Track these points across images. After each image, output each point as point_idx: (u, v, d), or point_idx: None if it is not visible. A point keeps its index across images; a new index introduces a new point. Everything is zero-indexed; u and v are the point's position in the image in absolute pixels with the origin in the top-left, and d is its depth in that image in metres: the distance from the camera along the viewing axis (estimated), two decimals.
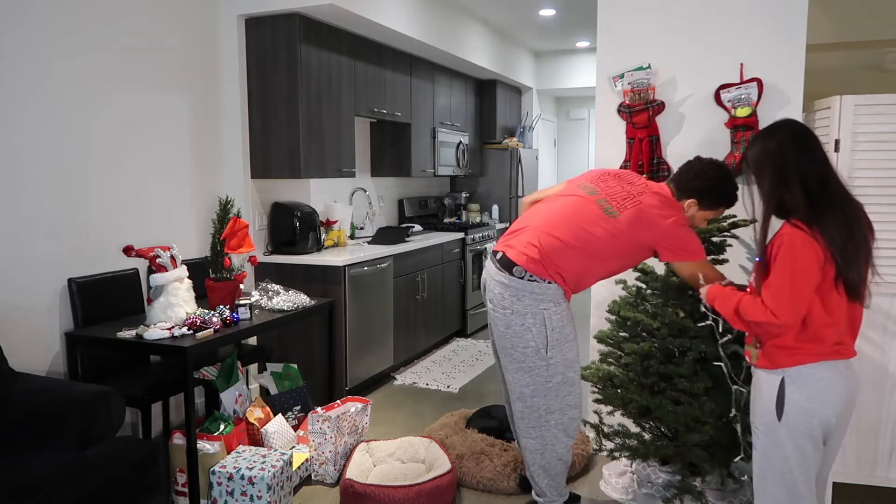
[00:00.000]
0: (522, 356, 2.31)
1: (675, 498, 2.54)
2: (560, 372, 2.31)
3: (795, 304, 1.74)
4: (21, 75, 2.70)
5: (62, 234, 2.90)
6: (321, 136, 3.98)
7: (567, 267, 2.26)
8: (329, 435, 2.97)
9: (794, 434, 1.80)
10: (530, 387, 2.34)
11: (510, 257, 2.28)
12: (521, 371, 2.34)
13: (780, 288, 1.75)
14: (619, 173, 2.45)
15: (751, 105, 2.83)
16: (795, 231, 1.75)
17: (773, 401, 1.82)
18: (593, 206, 2.31)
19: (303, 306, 3.22)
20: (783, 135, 1.85)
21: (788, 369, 1.80)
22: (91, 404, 2.27)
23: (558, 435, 2.37)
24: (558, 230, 2.27)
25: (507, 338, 2.32)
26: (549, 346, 2.27)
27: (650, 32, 3.04)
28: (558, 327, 2.28)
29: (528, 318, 2.26)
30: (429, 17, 4.78)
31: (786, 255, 1.75)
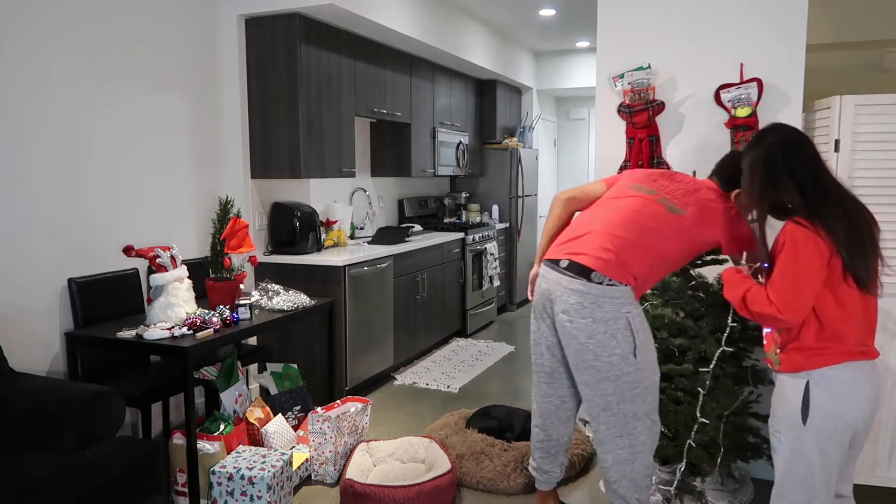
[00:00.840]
0: (608, 365, 2.14)
1: (675, 498, 2.54)
2: (647, 376, 2.19)
3: (799, 299, 1.74)
4: (21, 75, 2.70)
5: (62, 234, 2.90)
6: (321, 136, 3.98)
7: (638, 268, 2.18)
8: (329, 435, 2.97)
9: (819, 438, 1.79)
10: (617, 394, 2.17)
11: (584, 263, 2.15)
12: (605, 381, 2.16)
13: (783, 284, 1.75)
14: (664, 173, 2.40)
15: (751, 105, 2.83)
16: (797, 227, 1.77)
17: (798, 405, 1.80)
18: (656, 205, 2.25)
19: (303, 306, 3.22)
20: (771, 139, 1.89)
21: (812, 372, 1.79)
22: (91, 404, 2.27)
23: (646, 442, 2.23)
24: (626, 231, 2.19)
25: (590, 349, 2.15)
26: (637, 349, 2.13)
27: (650, 32, 3.04)
28: (642, 329, 2.17)
29: (611, 325, 2.11)
30: (429, 17, 4.78)
31: (788, 252, 1.76)
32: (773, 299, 1.76)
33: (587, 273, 2.13)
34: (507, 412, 3.38)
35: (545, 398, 2.43)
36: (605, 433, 2.24)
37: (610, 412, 2.20)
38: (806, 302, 1.75)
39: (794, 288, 1.74)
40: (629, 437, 2.21)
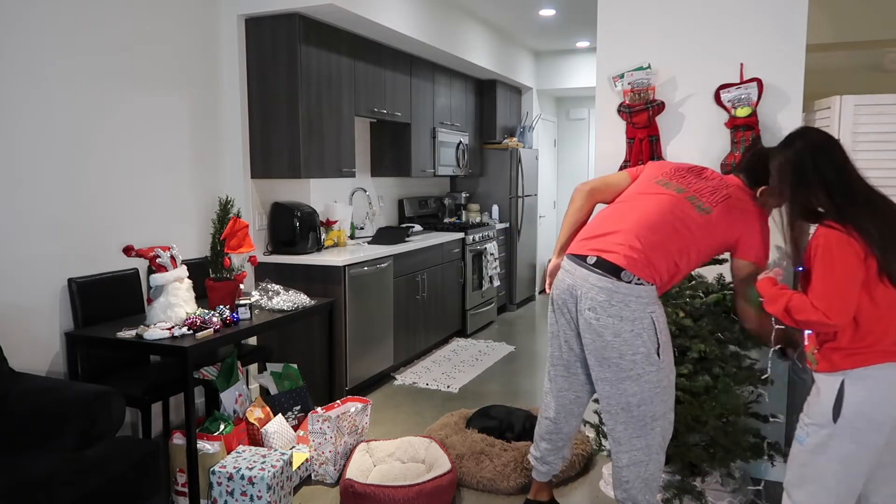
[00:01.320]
0: (631, 364, 2.13)
1: (675, 498, 2.54)
2: (667, 376, 2.18)
3: (844, 302, 1.75)
4: (21, 75, 2.70)
5: (62, 234, 2.90)
6: (321, 136, 3.98)
7: (665, 269, 2.17)
8: (329, 435, 2.97)
9: (849, 437, 1.79)
10: (638, 395, 2.16)
11: (614, 261, 2.13)
12: (627, 380, 2.15)
13: (826, 289, 1.76)
14: (692, 168, 2.37)
15: (751, 105, 2.83)
16: (829, 231, 1.78)
17: (831, 403, 1.80)
18: (685, 204, 2.22)
19: (303, 306, 3.22)
20: (799, 143, 1.91)
21: (849, 371, 1.79)
22: (91, 404, 2.27)
23: (661, 443, 2.22)
24: (656, 233, 2.17)
25: (615, 347, 2.13)
26: (661, 348, 2.14)
27: (650, 32, 3.04)
28: (665, 329, 2.18)
29: (636, 324, 2.11)
30: (429, 17, 4.78)
31: (825, 256, 1.77)
32: (819, 305, 1.76)
33: (617, 271, 2.11)
34: (507, 412, 3.38)
35: (562, 391, 2.40)
36: (622, 433, 2.22)
37: (629, 413, 2.19)
38: (850, 303, 1.75)
39: (836, 291, 1.75)
40: (646, 438, 2.19)
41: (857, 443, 1.79)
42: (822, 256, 1.78)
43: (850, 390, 1.79)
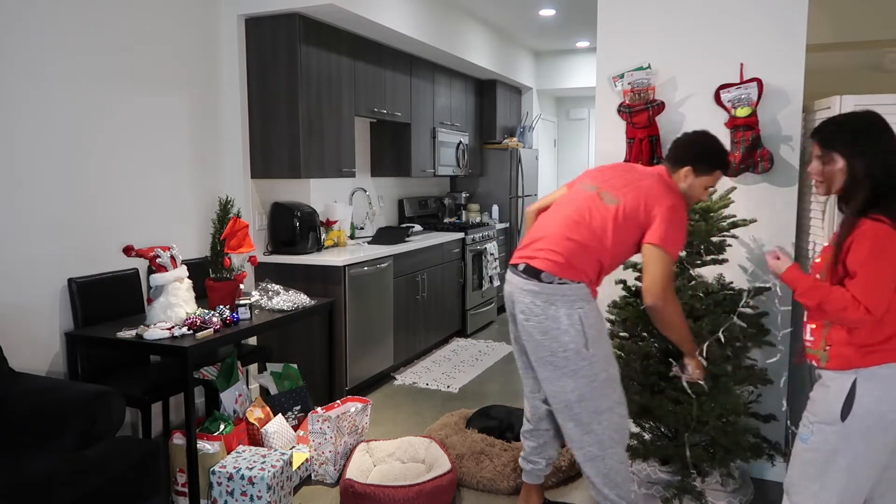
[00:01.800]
0: (564, 361, 2.23)
1: (675, 498, 2.54)
2: (603, 369, 2.25)
3: (885, 298, 1.71)
4: (21, 75, 2.70)
5: (62, 234, 2.90)
6: (321, 136, 3.98)
7: (590, 266, 2.26)
8: (329, 435, 2.97)
9: (857, 437, 1.76)
10: (576, 391, 2.24)
11: (535, 266, 2.26)
12: (564, 377, 2.24)
13: (874, 286, 1.70)
14: (618, 165, 2.47)
15: (751, 105, 2.83)
16: (879, 225, 1.71)
17: (841, 402, 1.76)
18: (596, 199, 2.32)
19: (303, 306, 3.22)
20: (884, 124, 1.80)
21: (862, 370, 1.75)
22: (91, 404, 2.27)
23: (613, 436, 2.27)
24: (573, 233, 2.27)
25: (545, 345, 2.25)
26: (588, 343, 2.21)
27: (650, 32, 3.04)
28: (595, 323, 2.24)
29: (563, 321, 2.21)
30: (429, 17, 4.78)
31: (876, 250, 1.70)
32: (863, 300, 1.70)
33: (538, 274, 2.24)
34: (507, 412, 3.38)
35: (532, 392, 2.52)
36: (572, 431, 2.31)
37: (571, 410, 2.28)
38: (890, 300, 1.72)
39: (883, 288, 1.70)
40: (595, 434, 2.26)
41: (868, 442, 1.76)
42: (874, 250, 1.70)
43: (863, 389, 1.75)
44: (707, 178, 2.33)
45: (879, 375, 1.75)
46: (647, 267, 2.23)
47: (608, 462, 2.27)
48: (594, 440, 2.27)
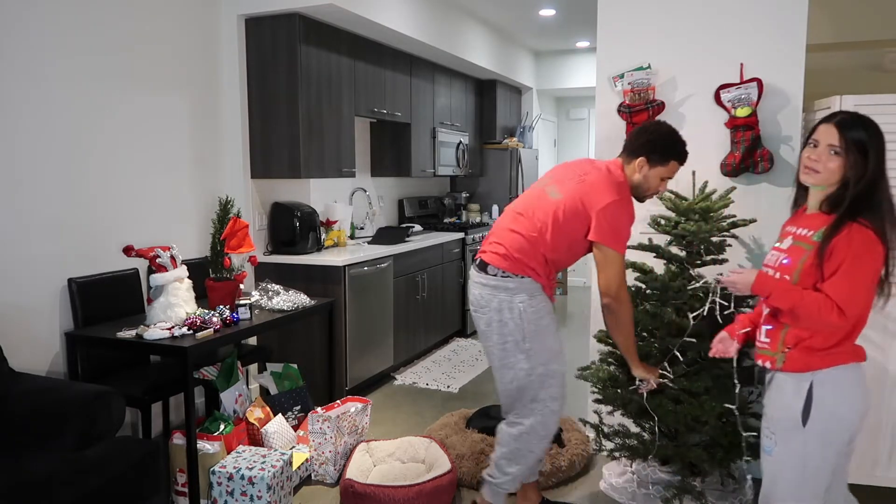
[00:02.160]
0: (503, 352, 2.34)
1: (675, 498, 2.54)
2: (542, 363, 2.33)
3: (866, 303, 1.71)
4: (21, 75, 2.70)
5: (62, 234, 2.90)
6: (321, 136, 3.98)
7: (534, 261, 2.31)
8: (329, 435, 2.97)
9: (818, 439, 1.75)
10: (514, 382, 2.36)
11: (484, 259, 2.38)
12: (504, 367, 2.37)
13: (857, 290, 1.69)
14: (581, 160, 2.49)
15: (751, 105, 2.83)
16: (865, 231, 1.70)
17: (800, 406, 1.76)
18: (543, 194, 2.37)
19: (303, 306, 3.22)
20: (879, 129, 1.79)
21: (818, 372, 1.75)
22: (91, 404, 2.27)
23: (537, 427, 2.37)
24: (517, 225, 2.35)
25: (489, 336, 2.37)
26: (525, 337, 2.31)
27: (650, 32, 3.04)
28: (534, 318, 2.30)
29: (504, 314, 2.31)
30: (429, 17, 4.78)
31: (861, 255, 1.69)
32: (839, 301, 1.69)
33: (485, 268, 2.36)
34: None
35: None
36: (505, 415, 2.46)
37: (509, 398, 2.41)
38: (869, 305, 1.72)
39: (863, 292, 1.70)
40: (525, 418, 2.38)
41: (830, 444, 1.75)
42: (858, 255, 1.68)
43: (820, 392, 1.75)
44: (661, 168, 2.31)
45: (835, 377, 1.75)
46: (599, 267, 2.28)
47: (521, 444, 2.40)
48: (521, 422, 2.39)
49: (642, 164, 2.32)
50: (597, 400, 2.76)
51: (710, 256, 2.64)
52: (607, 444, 2.90)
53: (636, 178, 2.34)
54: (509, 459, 2.44)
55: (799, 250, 1.80)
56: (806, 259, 1.77)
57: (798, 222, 1.88)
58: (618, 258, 2.26)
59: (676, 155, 2.32)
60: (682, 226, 2.59)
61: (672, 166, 2.32)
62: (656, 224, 2.73)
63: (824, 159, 1.78)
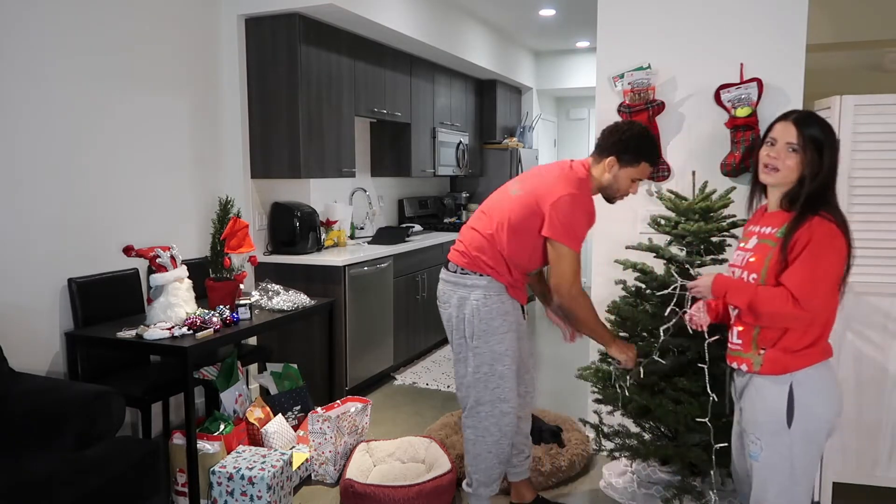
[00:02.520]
0: (458, 347, 2.39)
1: (675, 498, 2.54)
2: (487, 363, 2.33)
3: (827, 297, 1.70)
4: (21, 75, 2.70)
5: (62, 234, 2.90)
6: (321, 136, 3.98)
7: (493, 259, 2.31)
8: (329, 435, 2.97)
9: (804, 440, 1.75)
10: (464, 378, 2.39)
11: (448, 258, 2.45)
12: (458, 362, 2.41)
13: (815, 279, 1.68)
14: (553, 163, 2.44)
15: (751, 105, 2.83)
16: (827, 223, 1.70)
17: (784, 408, 1.75)
18: (505, 192, 2.39)
19: (303, 306, 3.22)
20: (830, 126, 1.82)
21: (796, 373, 1.75)
22: (91, 404, 2.27)
23: (490, 428, 2.38)
24: (477, 224, 2.38)
25: (448, 330, 2.42)
26: (474, 335, 2.32)
27: (650, 32, 3.04)
28: (486, 318, 2.30)
29: (459, 310, 2.35)
30: (429, 17, 4.78)
31: (822, 246, 1.68)
32: (799, 293, 1.68)
33: (447, 265, 2.43)
34: None
35: None
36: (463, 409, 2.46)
37: (460, 393, 2.45)
38: (831, 301, 1.71)
39: (825, 284, 1.69)
40: (474, 419, 2.40)
41: (814, 443, 1.76)
42: (820, 246, 1.68)
43: (800, 391, 1.74)
44: (632, 169, 2.26)
45: (812, 376, 1.75)
46: (552, 264, 2.26)
47: (479, 447, 2.42)
48: (472, 424, 2.41)
49: (612, 164, 2.26)
50: (597, 400, 2.76)
51: (710, 256, 2.64)
52: (607, 444, 2.90)
53: (606, 177, 2.28)
54: (472, 465, 2.46)
55: (764, 248, 1.81)
56: (772, 256, 1.77)
57: (761, 221, 1.90)
58: (570, 255, 2.21)
59: (648, 156, 2.26)
60: (682, 226, 2.59)
61: (643, 168, 2.27)
62: (656, 224, 2.73)
63: (783, 156, 1.79)
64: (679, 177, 3.05)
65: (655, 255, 2.68)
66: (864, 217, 2.60)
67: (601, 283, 3.17)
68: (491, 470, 2.44)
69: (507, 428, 2.40)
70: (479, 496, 2.49)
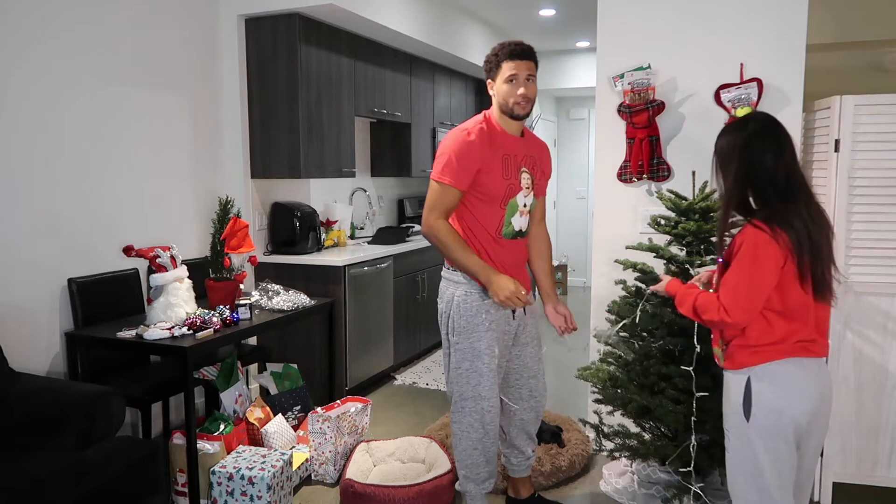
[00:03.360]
0: (445, 341, 2.42)
1: (675, 498, 2.54)
2: (468, 359, 2.34)
3: (749, 303, 1.73)
4: (20, 75, 2.70)
5: (62, 234, 2.90)
6: (321, 136, 3.98)
7: None
8: (329, 435, 2.97)
9: (763, 434, 1.77)
10: (449, 373, 2.42)
11: None
12: (445, 356, 2.44)
13: (737, 287, 1.73)
14: None
15: (751, 105, 2.83)
16: (758, 232, 1.72)
17: (741, 401, 1.79)
18: None
19: (303, 306, 3.22)
20: (752, 128, 1.80)
21: (754, 367, 1.78)
22: (91, 404, 2.27)
23: (474, 423, 2.38)
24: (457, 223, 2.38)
25: (439, 324, 2.44)
26: (455, 330, 2.34)
27: (650, 32, 3.04)
28: (466, 315, 2.31)
29: (445, 305, 2.38)
30: (429, 17, 4.78)
31: (746, 255, 1.72)
32: (724, 302, 1.74)
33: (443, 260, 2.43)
34: None
35: None
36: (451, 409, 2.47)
37: (447, 388, 2.46)
38: (756, 307, 1.73)
39: (746, 293, 1.72)
40: (459, 414, 2.42)
41: (774, 437, 1.76)
42: (744, 255, 1.72)
43: (758, 386, 1.77)
44: (501, 75, 2.34)
45: (770, 372, 1.77)
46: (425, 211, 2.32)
47: (464, 443, 2.42)
48: (458, 419, 2.42)
49: (490, 86, 2.41)
50: (597, 400, 2.76)
51: (710, 256, 2.64)
52: (607, 444, 2.90)
53: (496, 101, 2.41)
54: (459, 460, 2.46)
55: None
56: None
57: None
58: (434, 187, 2.27)
59: (503, 55, 2.33)
60: (682, 225, 2.59)
61: (506, 66, 2.32)
62: (656, 224, 2.73)
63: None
64: (679, 177, 3.05)
65: (655, 255, 2.68)
66: (864, 217, 2.60)
67: (601, 283, 3.17)
68: (477, 467, 2.43)
69: (490, 426, 2.39)
70: (470, 494, 2.47)
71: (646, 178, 3.08)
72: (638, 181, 3.11)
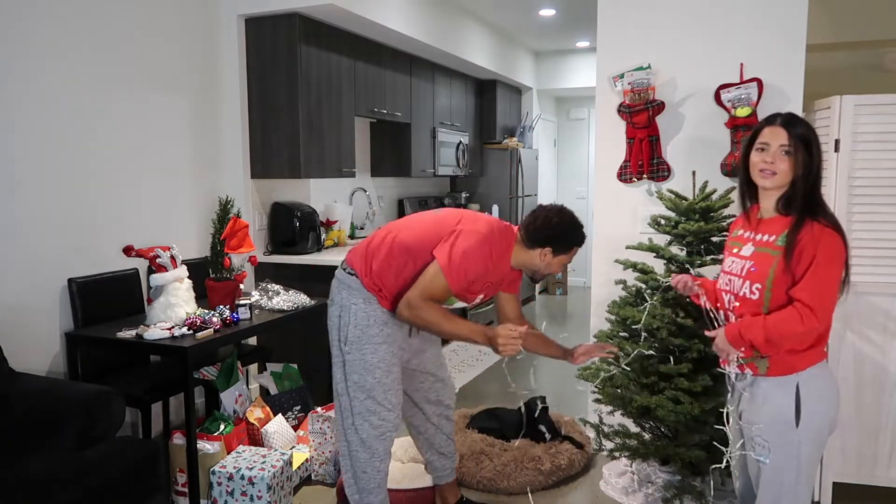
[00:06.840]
0: (334, 349, 2.28)
1: (675, 498, 2.54)
2: (357, 372, 2.21)
3: (833, 305, 1.72)
4: (20, 75, 2.70)
5: (62, 234, 2.89)
6: (321, 136, 3.97)
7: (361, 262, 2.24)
8: (329, 435, 2.97)
9: (812, 439, 1.76)
10: (338, 385, 2.28)
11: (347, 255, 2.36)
12: (335, 366, 2.29)
13: (823, 289, 1.69)
14: None
15: (751, 105, 2.83)
16: (833, 233, 1.71)
17: (792, 408, 1.76)
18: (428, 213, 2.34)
19: (303, 306, 3.22)
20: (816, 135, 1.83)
21: (801, 373, 1.76)
22: (91, 404, 2.27)
23: (354, 442, 2.25)
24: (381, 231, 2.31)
25: (328, 329, 2.31)
26: (347, 340, 2.22)
27: (650, 32, 3.05)
28: (362, 325, 2.21)
29: (339, 310, 2.26)
30: (429, 17, 4.78)
31: (828, 257, 1.69)
32: (813, 306, 1.68)
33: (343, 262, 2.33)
34: (508, 413, 3.38)
35: None
36: (337, 421, 2.33)
37: (335, 400, 2.31)
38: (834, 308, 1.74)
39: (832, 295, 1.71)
40: (345, 432, 2.28)
41: (820, 442, 1.77)
42: (826, 257, 1.69)
43: (806, 391, 1.75)
44: (564, 256, 2.29)
45: (815, 376, 1.77)
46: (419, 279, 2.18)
47: (355, 465, 2.27)
48: (342, 437, 2.29)
49: (546, 254, 2.25)
50: (597, 400, 2.76)
51: (710, 256, 2.64)
52: (607, 444, 2.90)
53: (538, 263, 2.27)
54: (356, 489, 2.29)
55: (765, 256, 1.79)
56: (776, 266, 1.76)
57: (757, 228, 1.87)
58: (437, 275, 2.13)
59: (578, 242, 2.30)
60: (683, 226, 2.59)
61: (573, 251, 2.31)
62: (656, 224, 2.73)
63: (777, 160, 1.79)
64: (679, 177, 3.05)
65: (655, 255, 2.68)
66: (864, 217, 2.60)
67: (601, 283, 3.17)
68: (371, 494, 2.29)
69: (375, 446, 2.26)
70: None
71: (646, 178, 3.08)
72: (638, 181, 3.11)
